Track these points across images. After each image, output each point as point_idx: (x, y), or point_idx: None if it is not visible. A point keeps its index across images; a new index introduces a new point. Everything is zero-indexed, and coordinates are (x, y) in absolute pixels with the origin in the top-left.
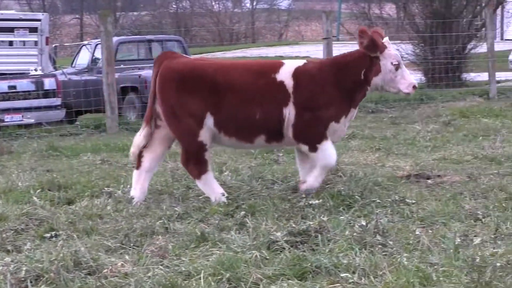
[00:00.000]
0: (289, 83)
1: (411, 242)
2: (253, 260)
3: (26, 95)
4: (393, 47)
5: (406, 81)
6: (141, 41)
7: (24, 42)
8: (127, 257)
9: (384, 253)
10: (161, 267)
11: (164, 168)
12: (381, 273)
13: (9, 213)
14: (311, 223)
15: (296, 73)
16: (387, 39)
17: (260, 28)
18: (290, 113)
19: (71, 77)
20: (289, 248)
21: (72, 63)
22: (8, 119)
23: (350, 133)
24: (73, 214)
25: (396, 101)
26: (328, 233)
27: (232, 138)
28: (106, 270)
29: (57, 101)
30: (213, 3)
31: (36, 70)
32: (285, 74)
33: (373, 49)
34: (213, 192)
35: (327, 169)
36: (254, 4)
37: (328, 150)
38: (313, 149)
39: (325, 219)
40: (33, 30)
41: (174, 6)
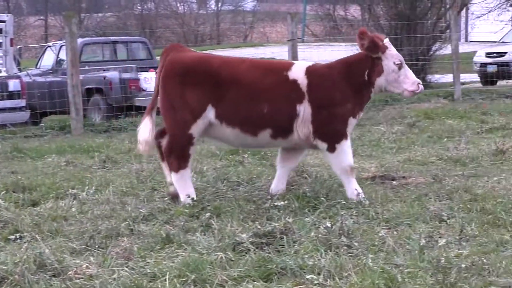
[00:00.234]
0: (303, 81)
1: (376, 243)
2: (218, 261)
3: None
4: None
5: (409, 80)
6: (106, 42)
7: None
8: (92, 259)
9: (349, 254)
10: (126, 269)
11: (129, 169)
12: (346, 274)
13: None
14: (276, 224)
15: (309, 72)
16: (387, 40)
17: (225, 29)
18: (305, 111)
19: (36, 78)
20: (254, 250)
21: (36, 65)
22: None
23: None
24: (37, 216)
25: None
26: (293, 234)
27: (235, 129)
28: (71, 272)
29: (21, 102)
30: (178, 5)
31: (0, 71)
32: (298, 72)
33: (374, 49)
34: (184, 190)
35: (349, 172)
36: (219, 6)
37: (346, 150)
38: (331, 149)
39: (290, 220)
40: None
41: (139, 7)
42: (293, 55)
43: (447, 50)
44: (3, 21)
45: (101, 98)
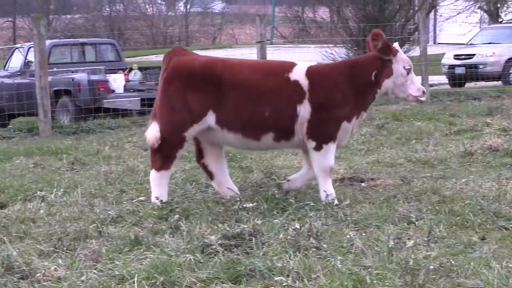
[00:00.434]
0: (304, 82)
1: (345, 245)
2: (187, 263)
3: None
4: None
5: (415, 86)
6: (74, 44)
7: None
8: (60, 261)
9: (318, 256)
10: (94, 271)
11: (97, 171)
12: (315, 276)
13: None
14: (245, 226)
15: (310, 72)
16: (396, 44)
17: (194, 31)
18: (304, 110)
19: (4, 80)
20: (223, 252)
21: (4, 66)
22: None
23: None
24: (5, 218)
25: None
26: (262, 236)
27: (237, 134)
28: (39, 274)
29: None
30: (147, 6)
31: None
32: (299, 73)
33: (387, 52)
34: (158, 192)
35: (328, 172)
36: (188, 7)
37: (331, 151)
38: (318, 147)
39: (259, 222)
40: None
41: (107, 9)
42: (262, 57)
43: (416, 52)
44: None
45: (69, 100)
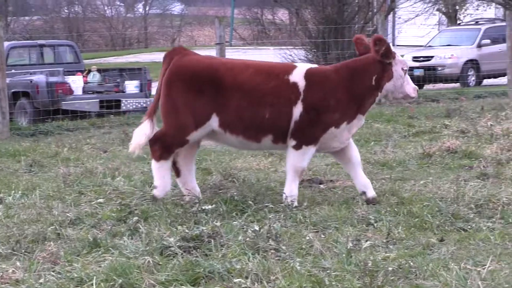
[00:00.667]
0: (301, 84)
1: (303, 246)
2: (145, 265)
3: None
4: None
5: (411, 86)
6: (33, 46)
7: None
8: (18, 263)
9: (277, 258)
10: (52, 273)
11: (56, 173)
12: (274, 278)
13: None
14: (204, 228)
15: (308, 74)
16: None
17: (153, 33)
18: (297, 112)
19: None
20: (182, 254)
21: None
22: None
23: None
24: None
25: None
26: (221, 238)
27: (239, 137)
28: None
29: None
30: (106, 8)
31: None
32: (298, 75)
33: (390, 55)
34: (162, 180)
35: (298, 172)
36: (146, 9)
37: (308, 153)
38: (297, 147)
39: (218, 224)
40: None
41: (66, 11)
42: None
43: None
44: None
45: (27, 102)
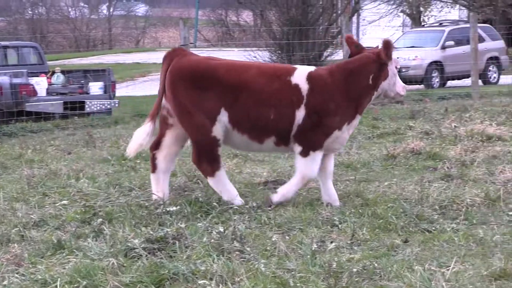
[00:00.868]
0: (304, 87)
1: (268, 248)
2: (110, 267)
3: None
4: None
5: (400, 84)
6: None
7: None
8: None
9: (242, 259)
10: (16, 275)
11: (20, 175)
12: (238, 279)
13: None
14: (168, 230)
15: (311, 77)
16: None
17: (117, 34)
18: (300, 115)
19: None
20: (146, 255)
21: None
22: None
23: None
24: None
25: None
26: (185, 240)
27: (244, 135)
28: None
29: None
30: (70, 9)
31: None
32: (300, 78)
33: (391, 57)
34: (227, 191)
35: (305, 180)
36: (111, 11)
37: (316, 161)
38: (305, 153)
39: (183, 226)
40: None
41: (29, 12)
42: None
43: (339, 55)
44: None
45: None
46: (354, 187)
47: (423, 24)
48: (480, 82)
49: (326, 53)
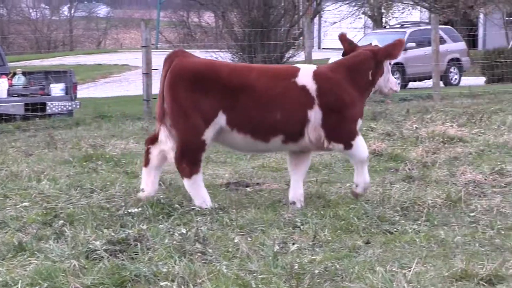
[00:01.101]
0: (312, 86)
1: (230, 250)
2: (71, 269)
3: None
4: None
5: (393, 80)
6: None
7: None
8: None
9: (204, 261)
10: None
11: None
12: (200, 281)
13: None
14: (130, 231)
15: (317, 76)
16: (376, 41)
17: (79, 36)
18: (315, 115)
19: None
20: (108, 257)
21: None
22: None
23: None
24: None
25: None
26: (147, 241)
27: (247, 136)
28: None
29: None
30: (31, 11)
31: None
32: (306, 77)
33: (397, 56)
34: (200, 196)
35: (365, 161)
36: (72, 12)
37: (361, 144)
38: (348, 146)
39: (144, 227)
40: None
41: None
42: (147, 62)
43: (300, 57)
44: None
45: None
46: (316, 189)
47: (384, 25)
48: (441, 84)
49: (288, 54)
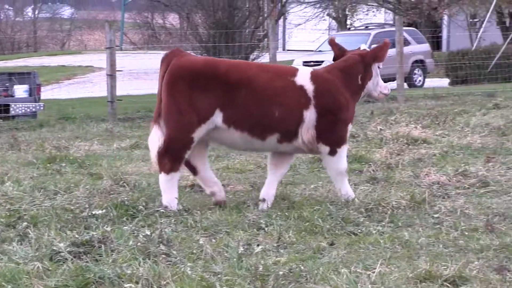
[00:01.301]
0: (309, 87)
1: (194, 251)
2: (35, 271)
3: None
4: None
5: (383, 84)
6: None
7: None
8: None
9: (168, 263)
10: None
11: None
12: (165, 283)
13: None
14: (94, 233)
15: (314, 77)
16: (364, 45)
17: (43, 37)
18: (310, 116)
19: None
20: (72, 259)
21: None
22: None
23: (134, 143)
24: None
25: None
26: (111, 243)
27: (244, 133)
28: None
29: None
30: None
31: None
32: (304, 78)
33: (382, 59)
34: (169, 195)
35: (343, 174)
36: (36, 13)
37: (343, 155)
38: (333, 152)
39: (108, 229)
40: None
41: None
42: (112, 63)
43: (265, 58)
44: None
45: None
46: (281, 190)
47: (349, 27)
48: (405, 85)
49: (252, 56)
